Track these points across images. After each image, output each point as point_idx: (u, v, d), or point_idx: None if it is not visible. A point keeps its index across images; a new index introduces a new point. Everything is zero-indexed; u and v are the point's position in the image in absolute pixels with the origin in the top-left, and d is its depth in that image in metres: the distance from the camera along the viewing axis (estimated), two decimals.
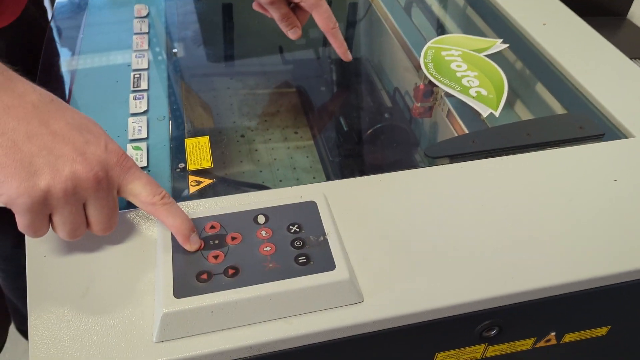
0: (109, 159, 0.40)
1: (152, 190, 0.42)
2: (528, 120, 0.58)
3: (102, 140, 0.41)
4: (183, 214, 0.43)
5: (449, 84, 0.63)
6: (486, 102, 0.61)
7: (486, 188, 0.50)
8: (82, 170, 0.38)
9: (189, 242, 0.42)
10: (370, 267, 0.44)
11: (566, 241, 0.46)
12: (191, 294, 0.40)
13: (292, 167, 0.95)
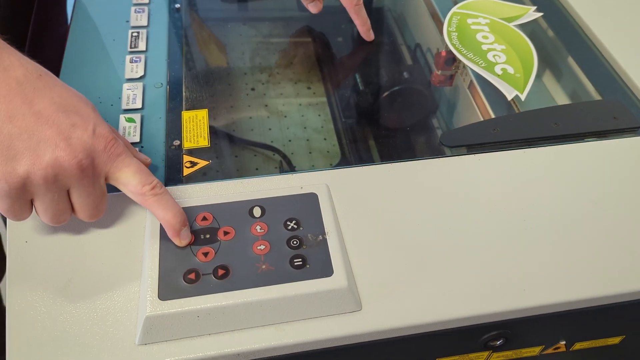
0: (95, 144, 0.37)
1: (141, 180, 0.39)
2: (556, 107, 0.53)
3: (91, 124, 0.37)
4: (175, 206, 0.40)
5: (473, 59, 0.58)
6: (512, 82, 0.55)
7: (504, 185, 0.46)
8: (64, 156, 0.35)
9: (179, 237, 0.40)
10: (371, 270, 0.41)
11: (588, 251, 0.42)
12: (177, 296, 0.37)
13: (303, 126, 0.91)
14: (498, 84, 0.55)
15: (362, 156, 0.84)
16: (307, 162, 0.85)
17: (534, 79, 0.56)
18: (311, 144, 0.88)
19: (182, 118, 0.52)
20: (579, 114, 0.52)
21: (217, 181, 0.46)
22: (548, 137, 0.50)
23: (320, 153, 0.88)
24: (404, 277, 0.40)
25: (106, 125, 0.38)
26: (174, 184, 0.46)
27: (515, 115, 0.51)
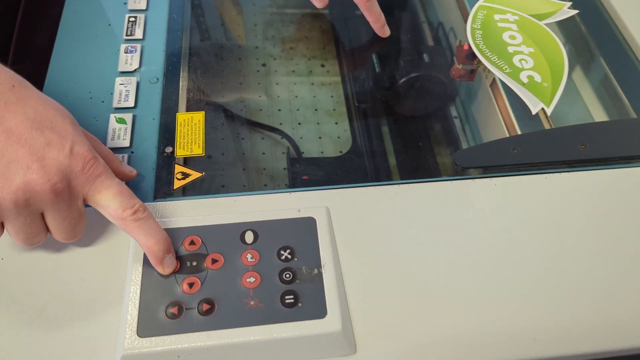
0: (72, 165, 0.34)
1: (122, 204, 0.36)
2: (584, 125, 0.48)
3: (68, 141, 0.34)
4: (158, 232, 0.37)
5: (497, 63, 0.53)
6: (538, 93, 0.50)
7: (521, 217, 0.42)
8: (37, 180, 0.32)
9: (162, 265, 0.37)
10: (370, 308, 0.38)
11: (614, 297, 0.39)
12: (157, 332, 0.35)
13: (314, 108, 0.87)
14: (522, 94, 0.50)
15: (374, 147, 0.80)
16: (316, 148, 0.82)
17: (563, 89, 0.51)
18: (321, 128, 0.84)
19: (177, 120, 0.48)
20: (610, 134, 0.47)
21: (209, 197, 0.42)
22: (573, 161, 0.45)
23: (331, 139, 0.84)
24: (405, 318, 0.37)
25: (85, 143, 0.35)
26: (163, 197, 0.43)
27: (538, 133, 0.47)
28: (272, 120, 0.83)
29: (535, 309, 0.38)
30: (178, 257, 0.38)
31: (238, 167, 0.60)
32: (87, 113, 0.48)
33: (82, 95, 0.49)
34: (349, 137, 0.82)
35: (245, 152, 0.77)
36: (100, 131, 0.46)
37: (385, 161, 0.79)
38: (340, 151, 0.83)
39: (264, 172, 0.76)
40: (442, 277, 0.39)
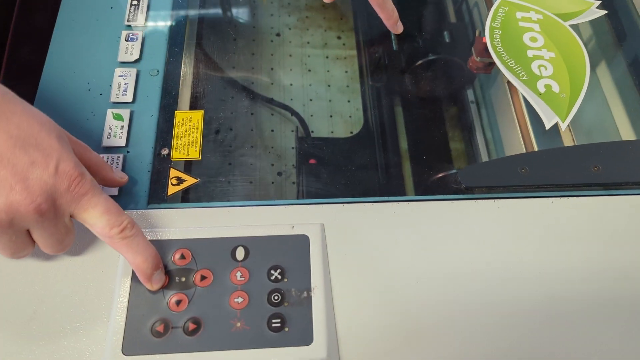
0: (57, 184, 0.33)
1: (109, 222, 0.35)
2: (599, 144, 0.45)
3: (53, 159, 0.33)
4: (146, 249, 0.36)
5: (514, 69, 0.50)
6: (555, 105, 0.48)
7: (523, 243, 0.40)
8: (20, 201, 0.32)
9: (150, 282, 0.36)
10: (359, 335, 0.37)
11: (624, 345, 0.38)
12: (142, 351, 0.35)
13: (327, 84, 0.85)
14: (537, 105, 0.48)
15: (386, 130, 0.78)
16: (326, 128, 0.80)
17: (581, 101, 0.48)
18: (333, 105, 0.82)
19: (175, 119, 0.47)
20: (626, 156, 0.45)
21: (202, 206, 0.41)
22: (584, 185, 0.43)
23: (342, 118, 0.82)
24: (394, 347, 0.37)
25: (71, 159, 0.34)
26: (157, 203, 0.42)
27: (548, 152, 0.44)
28: (283, 96, 0.81)
29: (531, 345, 0.37)
30: (167, 272, 0.37)
31: (237, 166, 0.58)
32: (85, 106, 0.46)
33: (81, 87, 0.47)
34: (361, 117, 0.80)
35: (253, 129, 0.76)
36: (97, 127, 0.45)
37: (396, 146, 0.77)
38: (350, 132, 0.81)
39: (272, 150, 0.75)
40: (435, 305, 0.38)
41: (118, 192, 0.42)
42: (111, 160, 0.43)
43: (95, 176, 0.38)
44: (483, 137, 0.76)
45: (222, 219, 0.40)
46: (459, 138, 0.79)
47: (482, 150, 0.74)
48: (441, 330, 0.37)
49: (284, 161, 0.75)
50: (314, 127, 0.78)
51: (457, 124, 0.80)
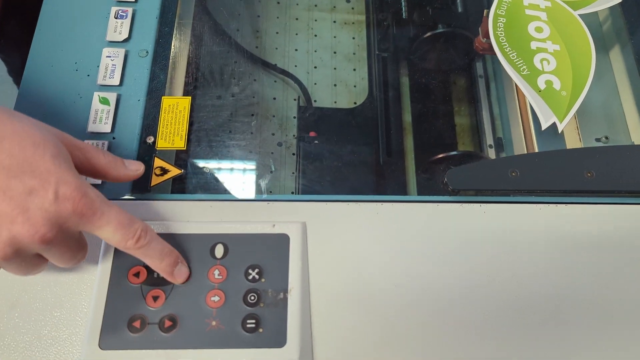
0: (60, 211, 0.31)
1: (123, 236, 0.34)
2: (594, 149, 0.44)
3: (51, 185, 0.31)
4: (163, 250, 0.36)
5: (515, 62, 0.48)
6: (554, 104, 0.46)
7: (506, 250, 0.40)
8: (24, 233, 0.30)
9: (172, 278, 0.37)
10: (334, 337, 0.37)
11: None
12: (118, 346, 0.35)
13: (333, 51, 0.83)
14: (536, 103, 0.46)
15: (389, 103, 0.77)
16: (330, 97, 0.79)
17: (582, 100, 0.46)
18: (338, 73, 0.81)
19: (162, 105, 0.46)
20: (622, 162, 0.43)
21: (185, 199, 0.41)
22: (576, 191, 0.42)
23: (346, 87, 0.81)
24: (368, 349, 0.37)
25: (71, 180, 0.32)
26: (140, 193, 0.42)
27: (541, 155, 0.43)
28: (287, 62, 0.79)
29: (508, 350, 0.37)
30: (145, 267, 0.38)
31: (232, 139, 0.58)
32: (72, 88, 0.46)
33: (68, 66, 0.47)
34: (366, 87, 0.79)
35: (255, 96, 0.75)
36: (83, 111, 0.45)
37: (400, 119, 0.76)
38: (354, 102, 0.80)
39: (273, 119, 0.74)
40: (412, 310, 0.38)
41: (101, 180, 0.42)
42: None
43: (106, 177, 0.37)
44: (489, 114, 0.74)
45: (203, 214, 0.40)
46: (465, 113, 0.78)
47: (486, 127, 0.73)
48: (417, 335, 0.38)
49: (285, 131, 0.74)
50: (317, 96, 0.77)
51: (463, 99, 0.79)
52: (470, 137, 0.75)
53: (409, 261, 0.39)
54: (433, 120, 0.75)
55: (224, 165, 0.50)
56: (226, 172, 0.48)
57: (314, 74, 0.79)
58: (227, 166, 0.50)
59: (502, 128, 0.71)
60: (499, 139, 0.71)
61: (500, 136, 0.71)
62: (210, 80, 0.66)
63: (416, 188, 0.67)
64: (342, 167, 0.64)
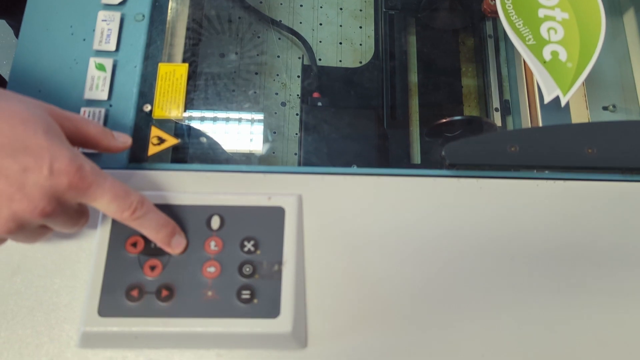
0: (57, 185, 0.32)
1: (119, 207, 0.34)
2: (596, 124, 0.43)
3: (45, 160, 0.31)
4: (159, 221, 0.37)
5: (521, 31, 0.46)
6: (558, 76, 0.45)
7: (499, 226, 0.40)
8: (24, 209, 0.31)
9: (170, 248, 0.37)
10: (327, 306, 0.38)
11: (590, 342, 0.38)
12: (117, 314, 0.36)
13: (339, 7, 0.82)
14: (540, 74, 0.45)
15: (396, 62, 0.75)
16: (335, 56, 0.78)
17: (587, 73, 0.45)
18: (344, 31, 0.80)
19: (158, 72, 0.45)
20: (625, 138, 0.42)
21: (182, 169, 0.41)
22: (575, 168, 0.42)
23: (352, 45, 0.80)
24: (361, 319, 0.38)
25: (64, 153, 0.32)
26: (137, 163, 0.42)
27: (542, 130, 0.42)
28: (292, 19, 0.78)
29: (491, 326, 0.38)
30: (142, 237, 0.38)
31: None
32: (67, 53, 0.45)
33: (63, 30, 0.46)
34: (372, 45, 0.77)
35: (259, 54, 0.74)
36: (79, 76, 0.44)
37: (406, 80, 0.75)
38: (360, 61, 0.79)
39: (277, 78, 0.73)
40: (405, 283, 0.39)
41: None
42: (92, 115, 0.43)
43: (97, 147, 0.37)
44: (497, 75, 0.73)
45: (200, 185, 0.41)
46: (472, 74, 0.76)
47: (493, 90, 0.71)
48: (410, 308, 0.38)
49: (289, 90, 0.73)
50: (321, 54, 0.76)
51: (471, 59, 0.77)
52: (477, 99, 0.73)
53: (403, 235, 0.40)
54: (439, 81, 0.74)
55: (223, 134, 0.50)
56: (224, 141, 0.48)
57: (319, 31, 0.77)
58: (225, 135, 0.50)
59: (510, 90, 0.70)
60: (506, 102, 0.70)
61: (508, 99, 0.70)
62: (211, 42, 0.65)
63: (419, 154, 0.67)
64: (345, 132, 0.64)
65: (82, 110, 0.43)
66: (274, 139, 0.59)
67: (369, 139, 0.66)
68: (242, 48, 0.72)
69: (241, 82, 0.68)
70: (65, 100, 0.43)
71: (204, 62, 0.63)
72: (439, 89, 0.74)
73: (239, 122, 0.59)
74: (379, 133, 0.67)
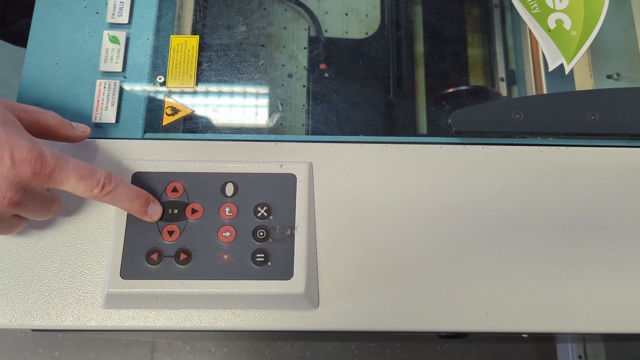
0: (20, 174, 0.33)
1: (87, 186, 0.35)
2: (599, 91, 0.44)
3: (5, 151, 0.32)
4: (131, 193, 0.38)
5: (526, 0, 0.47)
6: (563, 44, 0.46)
7: (505, 193, 0.41)
8: None
9: (147, 216, 0.39)
10: (337, 268, 0.40)
11: (582, 288, 0.40)
12: (138, 276, 0.38)
13: None
14: (545, 43, 0.46)
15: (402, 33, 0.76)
16: (341, 27, 0.78)
17: (592, 41, 0.46)
18: (349, 2, 0.80)
19: (170, 44, 0.46)
20: (627, 104, 0.43)
21: (196, 139, 0.43)
22: (578, 134, 0.43)
23: (358, 17, 0.80)
24: (370, 281, 0.40)
25: (23, 143, 0.33)
26: (153, 132, 0.44)
27: (546, 97, 0.43)
28: None
29: (495, 287, 0.40)
30: (162, 203, 0.40)
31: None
32: (81, 26, 0.46)
33: (76, 4, 0.47)
34: (378, 16, 0.77)
35: (265, 26, 0.75)
36: (94, 49, 0.45)
37: (412, 50, 0.75)
38: (366, 32, 0.79)
39: (284, 50, 0.74)
40: (412, 245, 0.40)
41: (116, 119, 0.43)
42: (108, 87, 0.44)
43: (56, 138, 0.38)
44: (503, 44, 0.73)
45: (213, 153, 0.42)
46: (477, 44, 0.76)
47: (499, 60, 0.72)
48: (417, 270, 0.40)
49: (295, 62, 0.74)
50: (327, 25, 0.76)
51: (477, 29, 0.77)
52: (483, 69, 0.74)
53: (411, 200, 0.41)
54: (445, 51, 0.74)
55: (234, 103, 0.51)
56: (235, 110, 0.49)
57: (324, 2, 0.77)
58: (237, 103, 0.51)
59: (516, 59, 0.70)
60: (511, 72, 0.70)
61: (513, 68, 0.70)
62: (219, 14, 0.66)
63: (426, 123, 0.68)
64: (353, 102, 0.65)
65: (98, 82, 0.44)
66: (282, 110, 0.60)
67: (375, 108, 0.67)
68: (248, 19, 0.72)
69: (248, 54, 0.68)
70: (82, 73, 0.44)
71: (211, 34, 0.63)
72: (444, 59, 0.74)
73: (246, 94, 0.60)
74: (386, 103, 0.68)
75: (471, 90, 0.66)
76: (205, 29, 0.62)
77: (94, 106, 0.43)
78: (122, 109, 0.44)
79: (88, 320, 0.39)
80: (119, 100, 0.44)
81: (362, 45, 0.74)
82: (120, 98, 0.44)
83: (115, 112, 0.43)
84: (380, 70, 0.72)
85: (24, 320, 0.39)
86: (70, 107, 0.43)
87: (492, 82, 0.70)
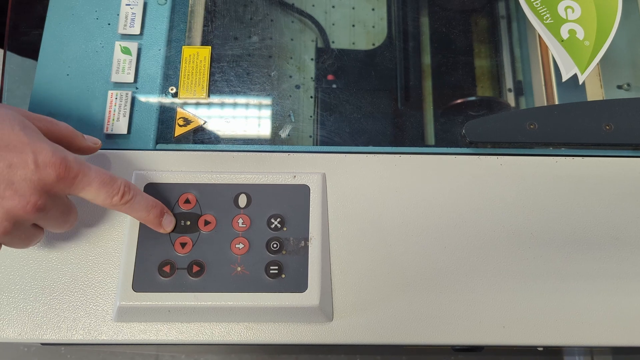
0: (44, 178, 0.32)
1: (107, 194, 0.35)
2: (614, 101, 0.44)
3: (29, 155, 0.32)
4: (148, 203, 0.37)
5: (538, 10, 0.47)
6: (576, 54, 0.45)
7: (521, 203, 0.41)
8: (16, 206, 0.32)
9: (161, 228, 0.38)
10: (352, 281, 0.40)
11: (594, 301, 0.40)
12: (150, 289, 0.38)
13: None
14: (558, 53, 0.45)
15: (409, 44, 0.76)
16: (348, 38, 0.78)
17: (605, 51, 0.46)
18: (356, 14, 0.80)
19: (182, 55, 0.46)
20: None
21: (208, 150, 0.42)
22: (593, 144, 0.42)
23: (365, 28, 0.80)
24: (384, 293, 0.39)
25: (45, 147, 0.33)
26: (165, 143, 0.43)
27: (560, 107, 0.43)
28: (304, 1, 0.78)
29: (514, 300, 0.39)
30: (174, 215, 0.39)
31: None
32: (93, 37, 0.46)
33: (88, 15, 0.47)
34: (385, 27, 0.78)
35: (272, 37, 0.75)
36: (106, 60, 0.45)
37: (418, 62, 0.75)
38: (373, 43, 0.79)
39: (290, 61, 0.74)
40: (426, 257, 0.40)
41: (128, 130, 0.43)
42: (119, 97, 0.44)
43: (69, 148, 0.37)
44: (510, 55, 0.73)
45: (226, 164, 0.42)
46: (485, 55, 0.76)
47: (507, 70, 0.72)
48: (432, 282, 0.40)
49: (303, 73, 0.74)
50: (335, 37, 0.76)
51: (484, 40, 0.77)
52: (490, 80, 0.74)
53: (425, 211, 0.41)
54: (452, 62, 0.74)
55: (245, 115, 0.51)
56: (247, 121, 0.49)
57: (331, 13, 0.77)
58: (248, 115, 0.51)
59: (523, 70, 0.70)
60: (518, 82, 0.70)
61: (521, 79, 0.70)
62: (228, 26, 0.66)
63: (434, 135, 0.68)
64: (361, 113, 0.65)
65: (110, 93, 0.44)
66: (294, 121, 0.60)
67: (383, 119, 0.67)
68: (256, 32, 0.72)
69: (255, 66, 0.68)
70: (93, 84, 0.44)
71: (223, 45, 0.64)
72: (452, 70, 0.74)
73: (254, 105, 0.60)
74: (394, 114, 0.68)
75: (479, 101, 0.66)
76: (217, 40, 0.62)
77: (106, 117, 0.43)
78: (134, 119, 0.43)
79: (99, 334, 0.38)
80: (130, 111, 0.43)
81: (369, 57, 0.74)
82: (132, 109, 0.44)
83: (127, 123, 0.43)
84: (388, 81, 0.72)
85: (34, 334, 0.38)
86: (82, 118, 0.43)
87: (500, 93, 0.70)
